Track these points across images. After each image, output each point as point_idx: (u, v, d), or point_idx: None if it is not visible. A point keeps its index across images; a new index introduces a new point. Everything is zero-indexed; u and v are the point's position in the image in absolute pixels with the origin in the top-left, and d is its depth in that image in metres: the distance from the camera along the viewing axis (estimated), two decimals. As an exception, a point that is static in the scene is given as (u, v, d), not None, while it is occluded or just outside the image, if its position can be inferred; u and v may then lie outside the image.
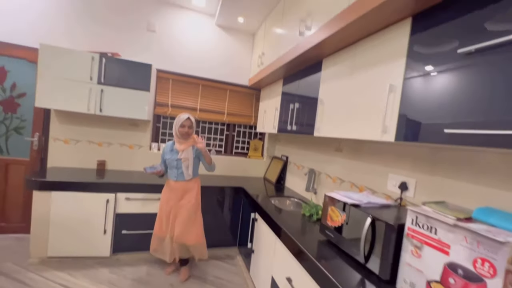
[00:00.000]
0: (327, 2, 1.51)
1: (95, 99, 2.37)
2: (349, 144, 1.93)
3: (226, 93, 3.22)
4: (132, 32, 2.75)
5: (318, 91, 1.80)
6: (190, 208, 2.10)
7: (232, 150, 3.37)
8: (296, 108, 2.10)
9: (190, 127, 2.09)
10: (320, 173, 2.26)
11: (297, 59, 1.94)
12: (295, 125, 2.10)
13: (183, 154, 2.06)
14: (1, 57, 2.40)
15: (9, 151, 2.49)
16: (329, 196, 1.39)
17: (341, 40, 1.46)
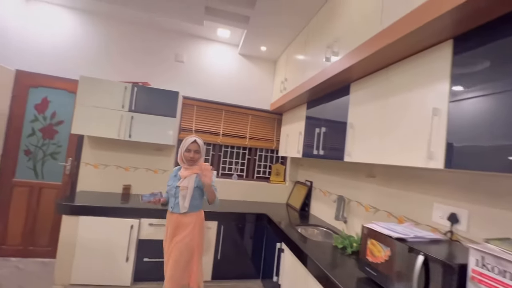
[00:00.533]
0: (356, 28, 1.52)
1: (125, 125, 2.47)
2: (382, 170, 1.82)
3: (248, 118, 3.25)
4: (161, 63, 2.93)
5: (347, 114, 1.75)
6: (183, 247, 1.76)
7: (254, 175, 3.32)
8: (322, 132, 2.05)
9: (197, 151, 1.84)
10: (350, 200, 2.12)
11: (323, 84, 1.93)
12: (322, 149, 2.04)
13: (183, 182, 1.80)
14: (45, 88, 2.62)
15: (44, 176, 2.61)
16: (368, 228, 1.27)
17: (372, 64, 1.44)
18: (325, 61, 1.83)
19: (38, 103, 2.61)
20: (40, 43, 2.61)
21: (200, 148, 1.87)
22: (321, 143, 2.05)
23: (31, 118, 2.60)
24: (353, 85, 1.74)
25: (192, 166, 1.85)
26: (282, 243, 2.02)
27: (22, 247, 2.53)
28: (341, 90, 1.89)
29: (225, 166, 3.23)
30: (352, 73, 1.63)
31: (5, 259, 2.48)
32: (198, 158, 1.86)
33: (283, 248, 2.00)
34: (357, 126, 1.63)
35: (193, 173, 1.84)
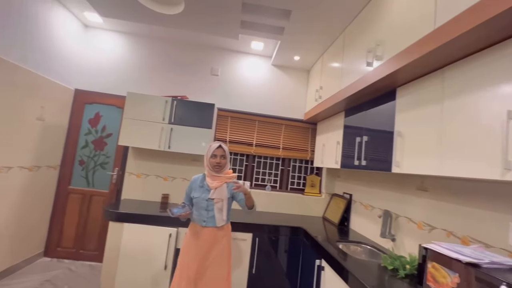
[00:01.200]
0: (403, 28, 1.42)
1: (165, 137, 2.60)
2: (437, 182, 1.62)
3: (281, 128, 3.22)
4: (198, 77, 3.08)
5: (393, 122, 1.62)
6: (222, 261, 1.71)
7: (288, 186, 3.23)
8: (364, 142, 1.92)
9: (223, 157, 1.74)
10: (398, 216, 1.93)
11: (364, 91, 1.82)
12: (364, 160, 1.90)
13: (215, 193, 1.69)
14: (98, 104, 2.90)
15: (94, 184, 2.85)
16: (429, 249, 1.12)
17: (423, 66, 1.32)
18: (366, 66, 1.73)
19: (91, 117, 2.90)
20: (94, 65, 2.93)
21: (226, 154, 1.77)
22: (363, 153, 1.92)
23: (85, 131, 2.88)
24: (399, 90, 1.62)
25: (219, 173, 1.74)
26: (322, 260, 1.89)
27: (74, 250, 2.75)
28: (385, 96, 1.77)
29: (259, 177, 3.20)
30: (399, 77, 1.51)
31: (59, 260, 2.71)
32: (224, 164, 1.76)
33: (323, 266, 1.87)
34: (407, 134, 1.49)
35: (223, 182, 1.73)
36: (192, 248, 1.70)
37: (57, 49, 2.61)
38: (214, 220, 1.70)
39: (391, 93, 1.69)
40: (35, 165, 2.49)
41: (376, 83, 1.65)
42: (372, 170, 1.82)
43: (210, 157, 1.73)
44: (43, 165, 2.59)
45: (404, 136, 1.51)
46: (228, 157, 1.80)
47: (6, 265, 2.30)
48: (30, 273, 2.40)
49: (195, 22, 2.46)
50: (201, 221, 1.71)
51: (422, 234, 1.67)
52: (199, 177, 1.81)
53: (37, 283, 2.26)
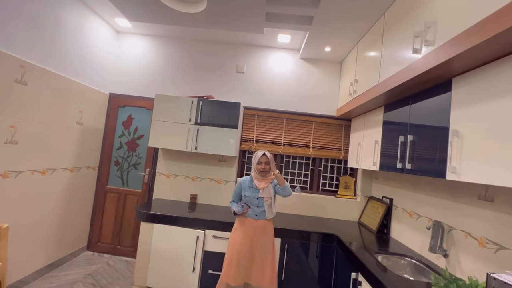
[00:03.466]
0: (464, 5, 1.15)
1: (192, 138, 2.60)
2: (508, 192, 1.32)
3: (312, 126, 3.01)
4: (223, 75, 3.01)
5: (448, 119, 1.35)
6: (269, 248, 2.02)
7: (319, 187, 3.03)
8: (409, 141, 1.66)
9: (267, 163, 2.04)
10: (452, 228, 1.64)
11: (409, 83, 1.56)
12: (409, 162, 1.64)
13: (264, 193, 2.02)
14: (130, 107, 3.01)
15: (128, 184, 2.98)
16: (502, 282, 0.89)
17: (492, 49, 1.05)
18: (412, 53, 1.47)
19: (124, 120, 3.02)
20: (125, 68, 3.04)
21: (270, 160, 2.04)
22: (408, 154, 1.66)
23: (119, 134, 3.02)
24: (457, 81, 1.34)
25: (264, 176, 2.05)
26: (359, 274, 1.70)
27: (112, 245, 2.92)
28: (436, 88, 1.49)
29: (287, 177, 3.05)
30: (457, 64, 1.24)
31: (100, 254, 2.90)
32: (269, 169, 2.04)
33: (360, 281, 1.68)
34: (467, 134, 1.22)
35: (268, 183, 2.04)
36: (246, 238, 1.98)
37: (92, 55, 2.75)
38: (265, 214, 2.02)
39: (445, 84, 1.41)
40: (76, 166, 2.67)
41: (425, 73, 1.39)
42: (420, 175, 1.56)
43: (256, 164, 2.04)
44: (84, 166, 2.77)
45: (463, 137, 1.25)
46: (273, 162, 2.05)
47: (55, 258, 2.51)
48: (75, 266, 2.60)
49: (218, 19, 2.37)
50: (254, 215, 2.02)
51: (485, 254, 1.39)
52: (247, 179, 2.12)
53: (80, 276, 2.43)
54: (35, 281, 2.25)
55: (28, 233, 2.17)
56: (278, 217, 2.60)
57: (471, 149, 1.20)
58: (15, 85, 1.90)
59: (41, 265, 2.35)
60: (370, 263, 1.64)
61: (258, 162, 2.04)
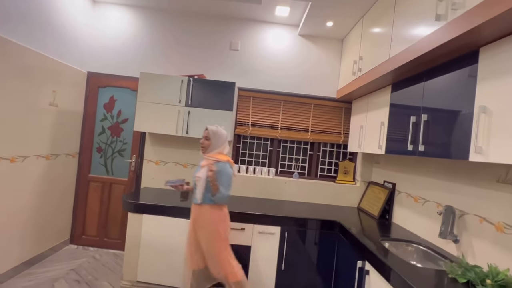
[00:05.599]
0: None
1: (182, 121, 2.37)
2: (532, 174, 1.23)
3: (310, 109, 2.85)
4: (216, 53, 2.75)
5: (473, 94, 1.21)
6: (207, 241, 1.78)
7: (317, 173, 2.92)
8: (423, 121, 1.53)
9: (206, 138, 1.82)
10: (464, 213, 1.56)
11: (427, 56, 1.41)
12: (422, 144, 1.52)
13: (200, 172, 1.78)
14: (112, 88, 2.72)
15: (113, 172, 2.74)
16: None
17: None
18: (435, 20, 1.30)
19: (106, 102, 2.73)
20: (105, 44, 2.71)
21: (210, 135, 1.81)
22: (421, 135, 1.53)
23: (101, 117, 2.74)
24: (485, 50, 1.19)
25: (204, 154, 1.83)
26: (366, 262, 1.61)
27: (98, 238, 2.72)
28: (458, 60, 1.34)
29: (285, 163, 2.91)
30: (489, 30, 1.09)
31: (85, 248, 2.69)
32: (208, 145, 1.82)
33: (367, 270, 1.58)
34: (497, 109, 1.09)
35: (208, 164, 1.76)
36: (190, 224, 1.84)
37: (65, 27, 2.41)
38: (201, 197, 1.77)
39: (470, 55, 1.27)
40: (53, 153, 2.40)
41: (449, 43, 1.23)
42: (436, 157, 1.44)
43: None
44: (61, 153, 2.50)
45: (492, 113, 1.11)
46: (218, 138, 1.82)
47: (33, 253, 2.29)
48: (56, 261, 2.39)
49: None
50: (194, 199, 1.82)
51: (503, 239, 1.31)
52: None
53: (63, 272, 2.24)
54: (11, 279, 2.04)
55: (-2, 228, 1.93)
56: (276, 205, 2.48)
57: (502, 127, 1.07)
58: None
59: (17, 262, 2.12)
60: (378, 250, 1.54)
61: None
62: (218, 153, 1.81)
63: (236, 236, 2.12)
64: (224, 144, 1.85)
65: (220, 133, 1.83)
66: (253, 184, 2.72)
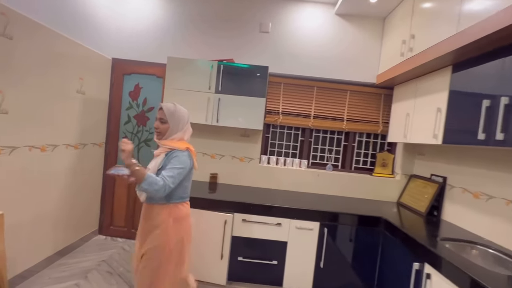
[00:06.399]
0: None
1: (212, 108, 2.23)
2: None
3: (346, 95, 2.63)
4: (245, 36, 2.57)
5: None
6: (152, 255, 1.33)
7: (352, 165, 2.72)
8: (503, 105, 1.30)
9: (163, 120, 1.37)
10: (549, 212, 1.34)
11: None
12: (501, 132, 1.30)
13: (152, 163, 1.38)
14: (137, 75, 2.61)
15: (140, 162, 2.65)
16: None
17: None
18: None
19: (131, 90, 2.63)
20: (129, 29, 2.58)
21: (168, 116, 1.36)
22: (500, 122, 1.31)
23: (126, 106, 2.65)
24: None
25: (161, 141, 1.38)
26: (425, 265, 1.43)
27: (126, 229, 2.68)
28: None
29: (317, 154, 2.73)
30: None
31: (113, 239, 2.66)
32: (164, 129, 1.38)
33: (428, 273, 1.41)
34: None
35: (164, 152, 1.37)
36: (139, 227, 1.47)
37: (88, 12, 2.30)
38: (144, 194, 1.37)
39: None
40: (81, 142, 2.33)
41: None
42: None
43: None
44: (89, 143, 2.44)
45: None
46: (175, 121, 1.38)
47: (64, 244, 2.27)
48: (87, 252, 2.36)
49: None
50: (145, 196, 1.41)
51: None
52: None
53: (94, 263, 2.20)
54: (44, 270, 2.02)
55: (31, 218, 1.89)
56: (311, 199, 2.32)
57: None
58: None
59: (50, 252, 2.10)
60: (442, 252, 1.37)
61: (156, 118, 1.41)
62: (178, 140, 1.40)
63: (272, 231, 2.00)
64: (185, 128, 1.42)
65: (180, 113, 1.39)
66: (285, 176, 2.57)
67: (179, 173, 1.32)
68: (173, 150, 1.35)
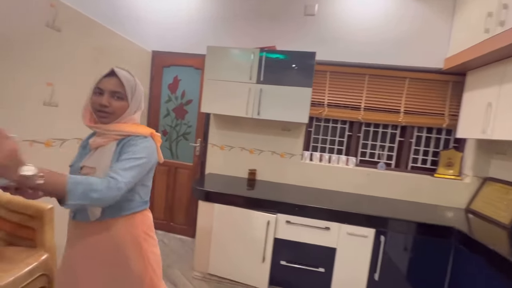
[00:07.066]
0: None
1: (253, 100, 2.08)
2: None
3: (404, 84, 2.28)
4: (288, 20, 2.35)
5: None
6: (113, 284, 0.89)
7: (408, 164, 2.38)
8: None
9: (119, 95, 0.90)
10: None
11: None
12: None
13: (91, 158, 0.90)
14: (176, 67, 2.56)
15: (178, 156, 2.64)
16: None
17: None
18: None
19: (170, 82, 2.59)
20: (167, 20, 2.52)
21: (127, 90, 0.90)
22: None
23: (166, 99, 2.62)
24: None
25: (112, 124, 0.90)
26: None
27: (165, 222, 2.69)
28: None
29: (366, 151, 2.44)
30: None
31: (153, 231, 2.69)
32: (120, 110, 0.90)
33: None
34: None
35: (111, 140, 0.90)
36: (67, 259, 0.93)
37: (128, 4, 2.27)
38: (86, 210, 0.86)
39: None
40: (123, 135, 2.35)
41: None
42: None
43: (92, 95, 0.91)
44: (130, 136, 2.46)
45: None
46: (136, 97, 0.93)
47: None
48: (129, 242, 2.41)
49: None
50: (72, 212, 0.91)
51: None
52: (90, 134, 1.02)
53: (136, 254, 2.23)
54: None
55: (80, 209, 1.94)
56: (360, 200, 2.07)
57: None
58: (46, 30, 1.50)
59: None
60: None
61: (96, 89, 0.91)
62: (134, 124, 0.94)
63: (319, 236, 1.81)
64: (142, 107, 0.99)
65: (139, 87, 0.96)
66: (329, 174, 2.34)
67: (139, 165, 0.85)
68: (130, 137, 0.89)
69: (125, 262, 0.89)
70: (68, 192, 0.70)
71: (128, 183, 0.82)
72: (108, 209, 0.85)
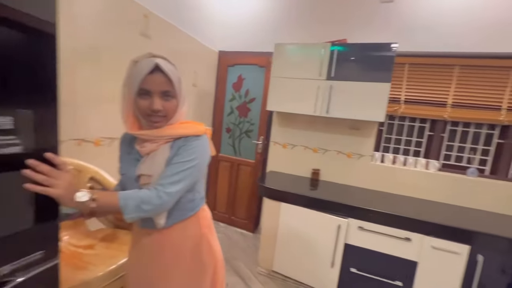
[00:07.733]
0: None
1: (322, 97, 1.99)
2: None
3: (508, 75, 1.90)
4: (360, 9, 2.17)
5: None
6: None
7: (508, 171, 1.99)
8: None
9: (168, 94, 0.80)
10: None
11: None
12: None
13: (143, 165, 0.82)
14: (240, 66, 2.62)
15: (241, 153, 2.72)
16: None
17: None
18: None
19: (234, 81, 2.67)
20: (232, 20, 2.59)
21: (176, 86, 0.80)
22: None
23: (230, 97, 2.71)
24: None
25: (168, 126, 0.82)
26: None
27: (227, 215, 2.82)
28: None
29: (451, 153, 2.12)
30: None
31: (216, 222, 2.85)
32: (172, 110, 0.82)
33: None
34: None
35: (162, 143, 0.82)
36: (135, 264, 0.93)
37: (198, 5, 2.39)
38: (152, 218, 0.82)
39: None
40: (193, 132, 2.52)
41: None
42: None
43: (137, 96, 0.77)
44: (198, 133, 2.62)
45: None
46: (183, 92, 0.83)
47: (179, 221, 2.55)
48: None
49: None
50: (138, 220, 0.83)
51: None
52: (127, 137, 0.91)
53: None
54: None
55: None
56: (447, 210, 1.81)
57: None
58: (139, 38, 1.67)
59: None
60: None
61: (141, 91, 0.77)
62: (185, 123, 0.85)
63: (397, 246, 1.65)
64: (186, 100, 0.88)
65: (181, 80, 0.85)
66: (405, 178, 2.11)
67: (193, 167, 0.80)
68: (187, 137, 0.82)
69: (198, 258, 0.90)
70: (122, 208, 0.73)
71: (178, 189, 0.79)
72: (173, 215, 0.84)
